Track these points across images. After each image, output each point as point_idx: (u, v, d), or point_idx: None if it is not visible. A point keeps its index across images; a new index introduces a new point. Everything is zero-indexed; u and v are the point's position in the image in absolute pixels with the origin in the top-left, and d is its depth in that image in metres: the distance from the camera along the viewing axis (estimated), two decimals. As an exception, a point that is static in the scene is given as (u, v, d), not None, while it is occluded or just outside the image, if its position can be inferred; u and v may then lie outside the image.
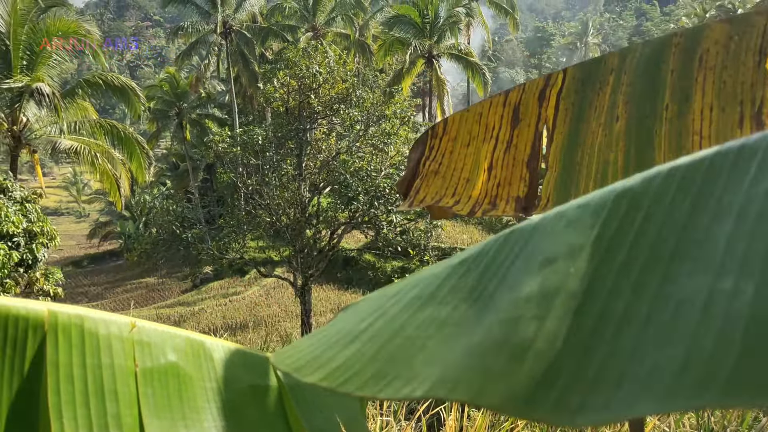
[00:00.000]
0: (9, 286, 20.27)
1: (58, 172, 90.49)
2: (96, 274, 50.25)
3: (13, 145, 25.82)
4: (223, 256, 21.93)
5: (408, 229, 20.09)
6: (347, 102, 20.04)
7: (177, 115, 45.66)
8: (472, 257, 0.72)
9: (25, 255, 20.68)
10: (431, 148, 1.33)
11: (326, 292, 34.87)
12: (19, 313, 0.73)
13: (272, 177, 20.03)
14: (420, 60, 39.19)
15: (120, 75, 31.80)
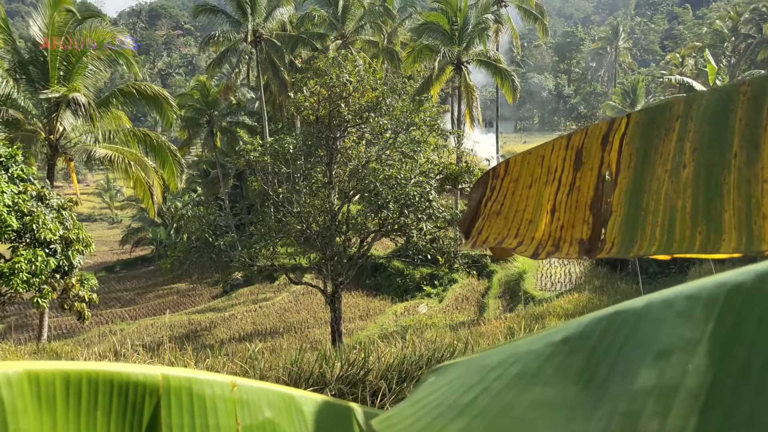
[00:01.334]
0: (46, 292, 20.72)
1: (91, 178, 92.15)
2: (128, 279, 50.99)
3: (50, 153, 26.37)
4: (253, 263, 22.12)
5: (438, 237, 20.07)
6: (377, 110, 20.10)
7: (208, 122, 46.22)
8: (574, 337, 0.73)
9: (62, 261, 21.12)
10: (493, 189, 1.35)
11: (355, 299, 34.95)
12: (138, 379, 0.77)
13: (302, 185, 20.17)
14: (449, 67, 39.16)
15: (152, 84, 32.31)
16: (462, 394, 0.75)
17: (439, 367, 0.90)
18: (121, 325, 34.25)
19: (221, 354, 8.54)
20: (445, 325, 25.51)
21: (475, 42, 39.20)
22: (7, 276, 19.22)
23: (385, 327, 27.86)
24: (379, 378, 7.38)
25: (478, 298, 33.14)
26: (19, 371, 0.68)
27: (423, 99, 23.37)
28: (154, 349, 9.11)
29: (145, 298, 43.07)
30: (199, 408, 0.81)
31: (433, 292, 34.49)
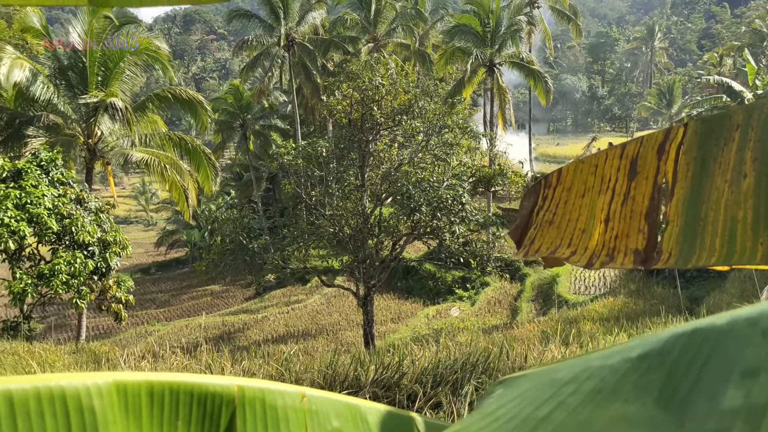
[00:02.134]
0: (84, 293, 21.14)
1: (128, 181, 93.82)
2: (163, 281, 51.77)
3: (89, 157, 26.92)
4: (286, 265, 22.28)
5: (470, 240, 20.00)
6: (409, 113, 20.11)
7: (241, 126, 46.72)
8: (653, 354, 0.72)
9: (100, 263, 21.54)
10: (545, 198, 1.35)
11: (386, 302, 34.97)
12: (216, 390, 0.80)
13: (335, 188, 20.27)
14: (481, 69, 39.00)
15: (187, 88, 32.77)
16: (536, 408, 0.75)
17: (506, 379, 0.91)
18: (156, 326, 34.79)
19: (257, 356, 8.62)
20: (478, 328, 25.37)
21: (508, 44, 38.97)
22: (48, 277, 19.68)
23: (418, 330, 27.82)
24: (414, 382, 7.36)
25: (510, 302, 32.90)
26: (108, 382, 0.71)
27: (455, 101, 23.29)
28: (190, 351, 9.23)
29: (179, 300, 43.68)
30: (272, 418, 0.83)
31: (465, 295, 34.34)
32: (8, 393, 0.63)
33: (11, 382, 0.64)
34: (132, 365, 7.75)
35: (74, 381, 0.68)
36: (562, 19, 49.42)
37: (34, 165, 21.15)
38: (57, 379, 0.67)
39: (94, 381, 0.69)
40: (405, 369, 7.60)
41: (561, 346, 8.00)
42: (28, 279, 19.57)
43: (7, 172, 20.56)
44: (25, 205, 19.75)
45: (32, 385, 0.65)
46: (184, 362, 7.78)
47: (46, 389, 0.65)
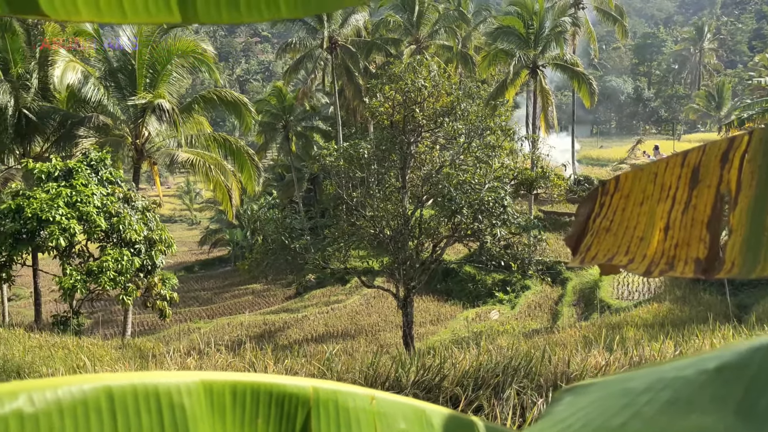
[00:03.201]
0: (131, 290, 21.63)
1: (173, 181, 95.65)
2: (206, 279, 52.61)
3: (136, 157, 27.55)
4: (326, 265, 22.44)
5: (512, 242, 19.85)
6: (452, 115, 20.06)
7: (284, 127, 47.23)
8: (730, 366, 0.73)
9: (146, 261, 22.03)
10: (602, 205, 1.35)
11: (425, 303, 34.91)
12: (292, 390, 0.83)
13: (376, 189, 20.34)
14: (524, 71, 38.66)
15: (231, 90, 33.26)
16: (610, 417, 0.75)
17: (574, 386, 0.91)
18: (199, 323, 35.39)
19: (299, 355, 8.71)
20: (518, 332, 25.14)
21: (552, 45, 38.54)
22: (96, 274, 20.21)
23: (457, 333, 27.70)
24: (455, 384, 7.35)
25: (551, 306, 32.51)
26: (196, 381, 0.75)
27: (498, 103, 23.15)
28: (234, 349, 9.37)
29: (221, 298, 44.34)
30: (344, 419, 0.86)
31: (505, 298, 34.07)
32: (108, 389, 0.67)
33: (110, 379, 0.68)
34: (178, 362, 7.91)
35: (166, 379, 0.72)
36: (607, 20, 48.66)
37: (85, 164, 21.74)
38: (150, 377, 0.71)
39: (184, 380, 0.73)
40: (446, 371, 7.60)
41: (605, 353, 7.88)
42: (77, 275, 20.11)
43: (59, 171, 21.18)
44: (75, 203, 20.31)
45: (129, 382, 0.69)
46: (228, 360, 7.91)
47: (142, 386, 0.70)
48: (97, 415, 0.68)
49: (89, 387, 0.68)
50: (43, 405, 0.65)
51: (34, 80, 27.24)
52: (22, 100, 26.30)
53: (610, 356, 7.63)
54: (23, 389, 0.65)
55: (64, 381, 0.67)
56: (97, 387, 0.69)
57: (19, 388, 0.64)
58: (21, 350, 15.04)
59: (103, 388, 0.68)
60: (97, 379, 0.69)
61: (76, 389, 0.67)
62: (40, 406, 0.65)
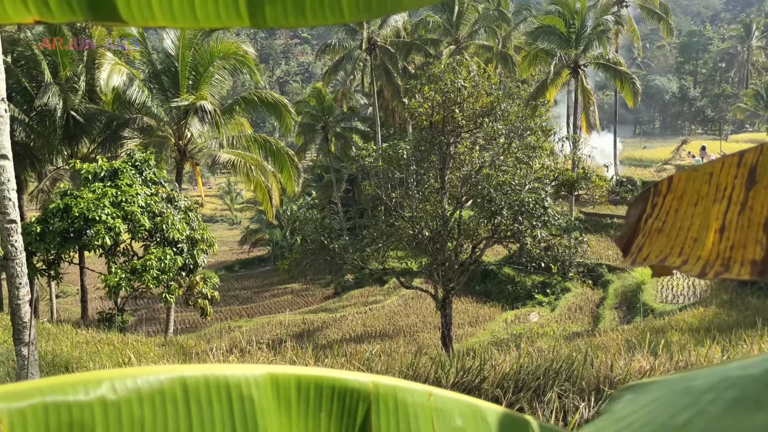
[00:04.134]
0: (173, 289, 22.03)
1: (214, 181, 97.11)
2: (246, 278, 53.26)
3: (179, 158, 28.04)
4: (365, 266, 22.50)
5: (552, 244, 19.62)
6: (491, 115, 19.93)
7: (323, 128, 47.54)
8: None
9: (188, 260, 22.41)
10: (654, 206, 1.33)
11: (464, 305, 34.75)
12: (354, 385, 0.85)
13: (415, 190, 20.32)
14: (565, 70, 38.18)
15: (271, 91, 33.62)
16: (673, 415, 0.75)
17: (634, 385, 0.91)
18: (239, 322, 35.84)
19: (339, 355, 8.77)
20: (558, 335, 24.83)
21: (594, 44, 37.96)
22: (140, 272, 20.63)
23: (496, 334, 27.51)
24: (495, 386, 7.31)
25: (592, 309, 32.03)
26: (263, 374, 0.77)
27: (539, 103, 22.91)
28: (275, 348, 9.46)
29: (261, 297, 44.84)
30: (403, 414, 0.87)
31: (544, 300, 33.68)
32: (183, 380, 0.71)
33: (185, 370, 0.72)
34: (220, 360, 8.04)
35: (235, 371, 0.75)
36: (651, 18, 47.75)
37: (129, 165, 22.21)
38: (221, 370, 0.74)
39: (252, 372, 0.76)
40: (486, 373, 7.57)
41: (649, 357, 7.74)
42: (122, 273, 20.56)
43: (105, 172, 21.68)
44: (120, 203, 20.77)
45: (202, 374, 0.72)
46: (269, 358, 8.01)
47: (214, 378, 0.73)
48: (173, 404, 0.71)
49: (166, 377, 0.72)
50: (124, 393, 0.68)
51: (82, 83, 27.96)
52: (70, 102, 27.02)
53: (655, 361, 7.49)
54: (106, 378, 0.68)
55: (143, 371, 0.71)
56: (173, 377, 0.72)
57: (102, 377, 0.68)
58: (69, 346, 15.45)
59: (178, 379, 0.71)
60: (173, 370, 0.72)
61: (153, 379, 0.71)
62: (122, 394, 0.68)
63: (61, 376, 0.67)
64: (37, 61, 26.44)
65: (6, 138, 7.97)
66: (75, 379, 0.66)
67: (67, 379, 0.66)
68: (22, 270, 8.34)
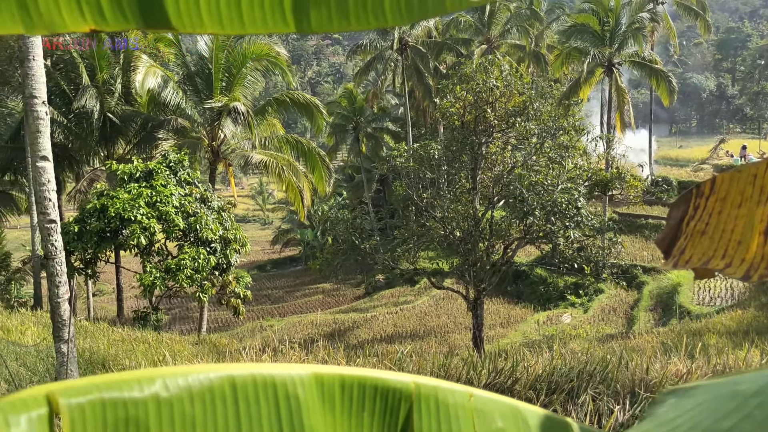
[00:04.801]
0: (207, 288, 22.30)
1: (246, 182, 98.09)
2: (278, 278, 53.66)
3: (212, 158, 28.40)
4: (396, 266, 22.51)
5: (585, 245, 19.39)
6: (524, 115, 19.78)
7: (354, 129, 47.69)
8: None
9: (221, 259, 22.67)
10: (696, 208, 1.32)
11: (495, 306, 34.54)
12: (396, 385, 0.86)
13: (446, 190, 20.26)
14: (598, 69, 37.70)
15: (303, 92, 33.83)
16: (718, 419, 0.75)
17: (677, 389, 0.91)
18: (271, 321, 36.14)
19: (370, 355, 8.79)
20: (592, 336, 24.54)
21: (629, 42, 37.40)
22: (174, 271, 20.94)
23: (528, 336, 27.29)
24: (528, 388, 7.26)
25: (626, 310, 31.57)
26: (309, 373, 0.79)
27: (572, 103, 22.67)
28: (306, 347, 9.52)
29: (293, 296, 45.12)
30: (444, 415, 0.88)
31: (577, 301, 33.30)
32: (232, 378, 0.73)
33: (233, 369, 0.73)
34: (253, 358, 8.11)
35: (281, 371, 0.77)
36: (688, 15, 46.89)
37: (164, 166, 22.55)
38: (267, 369, 0.76)
39: (297, 372, 0.77)
40: (518, 375, 7.51)
41: (686, 360, 7.60)
42: (157, 273, 20.88)
43: (141, 173, 22.06)
44: (155, 203, 21.10)
45: (250, 373, 0.74)
46: (302, 357, 8.06)
47: (261, 377, 0.74)
48: (222, 402, 0.73)
49: (215, 375, 0.74)
50: (176, 391, 0.70)
51: (118, 85, 28.47)
52: (107, 104, 27.54)
53: (692, 364, 7.36)
54: (159, 375, 0.70)
55: (193, 369, 0.73)
56: (222, 376, 0.74)
57: (156, 375, 0.70)
58: (106, 343, 15.76)
59: (227, 377, 0.73)
60: (222, 369, 0.74)
61: (203, 377, 0.73)
62: (174, 391, 0.70)
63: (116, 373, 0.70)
64: (75, 64, 26.99)
65: (47, 140, 8.17)
66: (130, 376, 0.69)
67: (122, 376, 0.68)
68: (62, 269, 8.52)
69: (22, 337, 14.74)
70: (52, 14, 0.59)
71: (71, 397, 0.64)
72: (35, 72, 8.11)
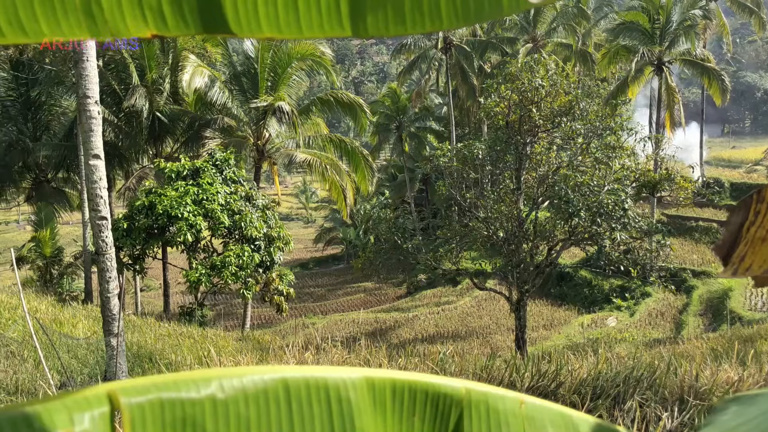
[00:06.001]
0: (251, 285, 22.59)
1: (290, 180, 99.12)
2: (320, 276, 54.08)
3: (257, 157, 28.77)
4: (438, 266, 22.42)
5: (632, 247, 19.00)
6: (570, 114, 19.49)
7: (397, 128, 47.73)
8: None
9: (265, 257, 22.94)
10: (756, 213, 1.27)
11: (539, 307, 34.17)
12: (446, 391, 0.86)
13: (490, 191, 20.10)
14: (648, 68, 36.87)
15: (347, 91, 33.99)
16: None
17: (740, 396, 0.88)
18: (313, 318, 36.44)
19: (412, 355, 8.78)
20: (638, 341, 24.04)
21: (680, 41, 36.47)
22: (219, 268, 21.26)
23: (571, 338, 26.89)
24: (572, 392, 7.14)
25: (674, 315, 30.84)
26: (360, 377, 0.79)
27: (619, 102, 22.21)
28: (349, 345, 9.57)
29: (334, 295, 45.41)
30: (495, 422, 0.87)
31: (623, 305, 32.67)
32: (285, 381, 0.73)
33: (287, 371, 0.74)
34: (296, 356, 8.19)
35: (333, 373, 0.77)
36: (742, 12, 45.50)
37: (210, 164, 22.93)
38: (320, 372, 0.77)
39: (349, 375, 0.78)
40: (562, 378, 7.40)
41: (738, 367, 7.38)
42: (202, 269, 21.23)
43: (188, 171, 22.46)
44: (201, 201, 21.47)
45: (302, 375, 0.75)
46: (344, 356, 8.09)
47: (313, 379, 0.75)
48: (276, 404, 0.74)
49: (269, 377, 0.74)
50: (231, 392, 0.71)
51: (167, 85, 29.09)
52: (156, 103, 28.16)
53: (743, 371, 7.14)
54: (215, 376, 0.71)
55: (248, 371, 0.74)
56: (276, 378, 0.75)
57: (212, 375, 0.71)
58: (152, 338, 16.11)
59: (280, 379, 0.74)
60: (276, 371, 0.75)
61: (258, 379, 0.74)
62: (229, 393, 0.71)
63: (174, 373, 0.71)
64: (125, 64, 27.67)
65: (99, 138, 8.39)
66: (187, 376, 0.70)
67: (180, 376, 0.70)
68: (112, 265, 8.75)
69: (73, 330, 15.18)
70: (116, 21, 0.60)
71: (131, 396, 0.65)
72: (89, 72, 8.34)
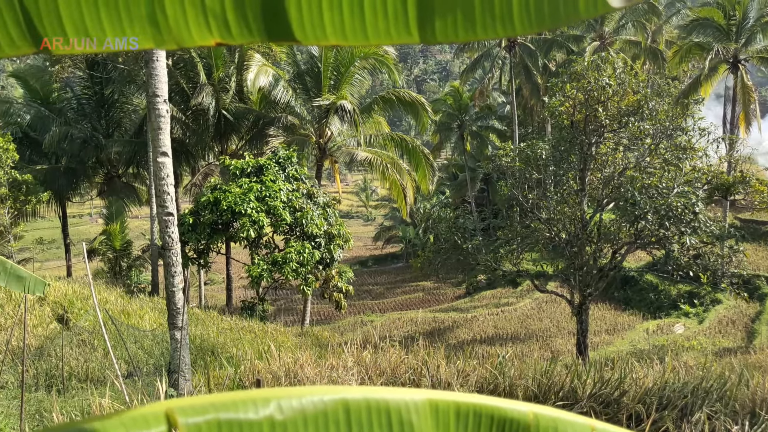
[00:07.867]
0: (311, 281, 22.87)
1: (351, 178, 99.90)
2: (378, 274, 54.28)
3: (319, 155, 29.11)
4: (498, 267, 22.15)
5: (703, 252, 18.29)
6: (638, 114, 18.90)
7: (459, 127, 47.44)
8: None
9: (325, 254, 23.19)
10: None
11: (601, 312, 33.37)
12: (513, 415, 0.83)
13: (553, 191, 19.72)
14: (722, 65, 35.46)
15: (409, 90, 33.99)
16: None
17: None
18: (371, 316, 36.60)
19: (470, 356, 8.70)
20: (707, 350, 23.18)
21: (757, 37, 34.92)
22: (280, 264, 21.61)
23: (635, 345, 26.15)
24: (636, 402, 6.93)
25: (746, 323, 29.58)
26: (423, 399, 0.77)
27: (691, 101, 21.41)
28: (406, 345, 9.56)
29: (393, 293, 45.49)
30: (561, 446, 0.84)
31: (691, 311, 31.53)
32: (345, 402, 0.71)
33: (347, 392, 0.72)
34: (354, 354, 8.23)
35: (395, 395, 0.75)
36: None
37: (273, 162, 23.33)
38: (381, 393, 0.74)
39: (412, 397, 0.75)
40: (626, 387, 7.19)
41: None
42: (264, 265, 21.62)
43: (251, 168, 22.91)
44: (264, 198, 21.87)
45: (363, 396, 0.72)
46: (402, 356, 8.09)
47: (375, 401, 0.72)
48: (335, 426, 0.72)
49: (329, 398, 0.72)
50: (290, 413, 0.69)
51: (232, 83, 29.73)
52: (222, 101, 28.83)
53: (821, 385, 6.78)
54: (274, 397, 0.70)
55: (308, 391, 0.72)
56: (336, 399, 0.72)
57: (271, 396, 0.70)
58: (215, 331, 16.50)
59: (341, 401, 0.72)
60: (336, 392, 0.73)
61: (317, 400, 0.72)
62: (288, 414, 0.69)
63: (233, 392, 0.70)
64: (193, 63, 28.41)
65: (167, 136, 8.63)
66: (246, 396, 0.69)
67: (238, 396, 0.68)
68: (177, 260, 8.99)
69: (140, 321, 15.69)
70: (181, 30, 0.59)
71: (189, 416, 0.64)
72: (158, 72, 8.58)
